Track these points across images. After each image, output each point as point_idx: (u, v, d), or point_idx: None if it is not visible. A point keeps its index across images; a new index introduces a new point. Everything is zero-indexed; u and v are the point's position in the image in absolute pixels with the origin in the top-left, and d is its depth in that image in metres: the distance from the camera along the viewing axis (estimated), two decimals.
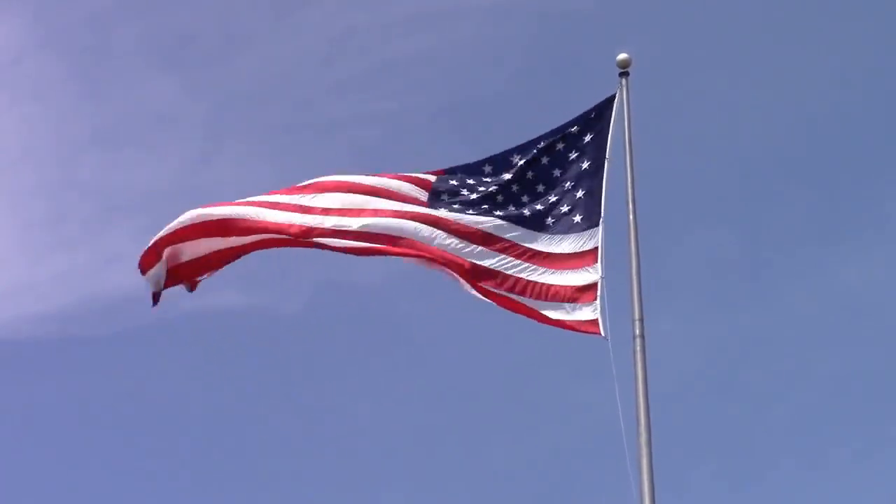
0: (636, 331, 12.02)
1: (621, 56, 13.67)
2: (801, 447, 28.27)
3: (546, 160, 13.63)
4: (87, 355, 31.15)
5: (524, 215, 13.27)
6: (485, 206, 13.32)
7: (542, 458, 27.76)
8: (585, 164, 13.44)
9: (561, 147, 13.64)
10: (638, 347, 11.93)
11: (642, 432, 11.46)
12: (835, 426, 28.50)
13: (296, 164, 31.25)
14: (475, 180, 13.59)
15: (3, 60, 32.78)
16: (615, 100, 13.56)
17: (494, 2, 32.16)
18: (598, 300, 12.43)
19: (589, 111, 13.72)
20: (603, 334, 12.17)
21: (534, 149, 13.66)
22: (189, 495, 29.25)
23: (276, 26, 33.54)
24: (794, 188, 31.77)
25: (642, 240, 12.61)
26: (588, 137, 13.55)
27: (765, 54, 32.36)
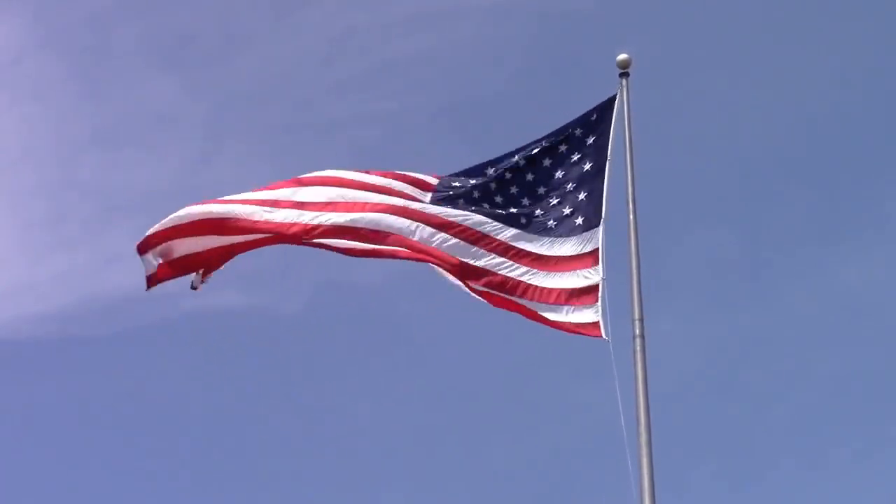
0: (636, 331, 12.03)
1: (621, 56, 13.68)
2: (801, 447, 28.29)
3: (548, 162, 13.64)
4: (87, 355, 31.20)
5: (525, 218, 13.28)
6: (485, 207, 13.33)
7: (542, 458, 27.79)
8: (587, 165, 13.45)
9: (563, 149, 13.65)
10: (638, 347, 11.94)
11: (642, 432, 11.47)
12: (835, 426, 28.53)
13: (296, 164, 31.29)
14: (477, 181, 13.61)
15: (3, 60, 32.82)
16: (615, 100, 13.58)
17: (494, 2, 32.21)
18: (599, 302, 12.44)
19: (590, 112, 13.73)
20: (604, 337, 12.17)
21: (535, 150, 13.69)
22: (189, 495, 29.27)
23: (276, 26, 33.60)
24: (794, 188, 31.83)
25: (642, 240, 12.63)
26: (591, 139, 13.56)
27: (765, 54, 32.42)
